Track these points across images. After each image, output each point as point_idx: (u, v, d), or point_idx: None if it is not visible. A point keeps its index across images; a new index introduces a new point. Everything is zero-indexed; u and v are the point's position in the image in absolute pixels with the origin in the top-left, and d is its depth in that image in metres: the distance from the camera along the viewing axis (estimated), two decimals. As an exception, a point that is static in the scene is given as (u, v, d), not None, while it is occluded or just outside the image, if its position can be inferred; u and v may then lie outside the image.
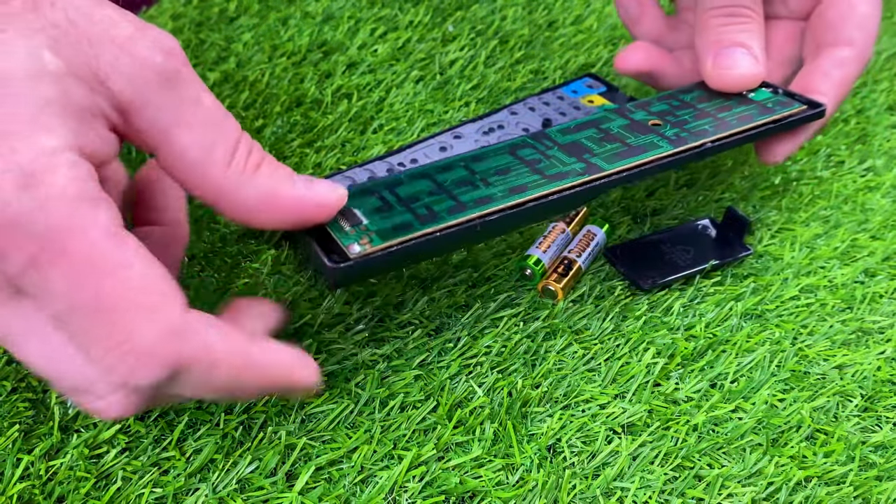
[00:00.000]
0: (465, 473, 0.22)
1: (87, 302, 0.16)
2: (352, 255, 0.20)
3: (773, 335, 0.27)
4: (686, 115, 0.27)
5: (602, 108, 0.30)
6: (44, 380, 0.18)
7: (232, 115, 0.19)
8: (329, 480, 0.21)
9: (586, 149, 0.25)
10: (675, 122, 0.27)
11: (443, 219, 0.21)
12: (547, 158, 0.25)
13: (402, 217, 0.22)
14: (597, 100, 0.32)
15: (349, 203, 0.22)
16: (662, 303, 0.28)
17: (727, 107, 0.27)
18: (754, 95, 0.28)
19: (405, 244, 0.21)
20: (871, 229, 0.32)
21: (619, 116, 0.27)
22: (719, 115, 0.27)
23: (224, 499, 0.20)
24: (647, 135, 0.26)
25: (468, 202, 0.22)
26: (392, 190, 0.23)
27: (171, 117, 0.18)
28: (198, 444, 0.22)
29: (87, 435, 0.21)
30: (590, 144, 0.26)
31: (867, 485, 0.23)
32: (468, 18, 0.41)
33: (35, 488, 0.20)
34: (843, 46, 0.28)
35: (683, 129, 0.26)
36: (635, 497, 0.22)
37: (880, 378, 0.26)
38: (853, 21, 0.28)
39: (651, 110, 0.28)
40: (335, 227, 0.21)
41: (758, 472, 0.23)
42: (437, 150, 0.30)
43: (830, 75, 0.28)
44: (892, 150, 0.36)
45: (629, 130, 0.26)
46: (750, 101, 0.28)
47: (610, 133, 0.26)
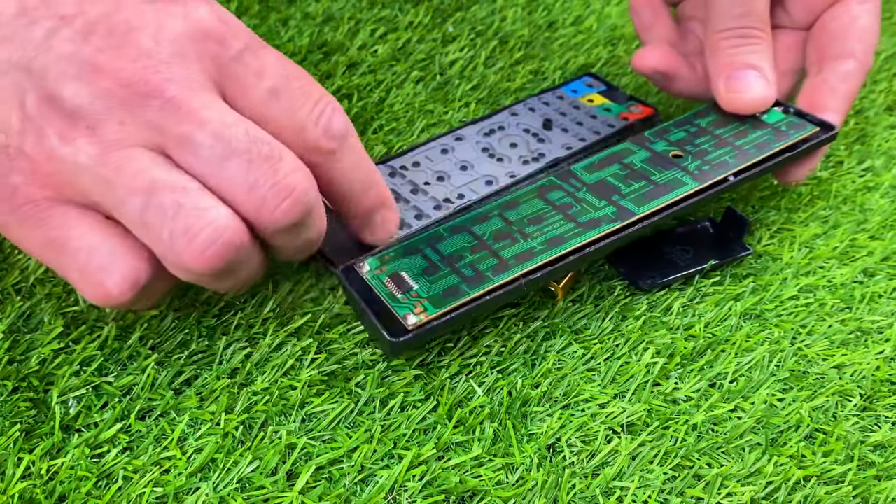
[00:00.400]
0: (465, 473, 0.22)
1: (294, 70, 0.20)
2: (409, 326, 0.22)
3: (773, 335, 0.27)
4: (705, 143, 0.28)
5: (622, 134, 0.30)
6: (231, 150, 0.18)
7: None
8: (329, 480, 0.21)
9: (614, 188, 0.26)
10: (695, 153, 0.27)
11: (489, 280, 0.23)
12: (577, 202, 0.26)
13: (450, 280, 0.23)
14: (597, 99, 0.32)
15: (396, 266, 0.23)
16: (662, 303, 0.28)
17: (743, 132, 0.28)
18: (767, 117, 0.28)
19: (457, 310, 0.22)
20: (870, 229, 0.32)
21: (641, 148, 0.28)
22: (737, 143, 0.27)
23: (225, 498, 0.21)
24: (670, 169, 0.27)
25: (510, 259, 0.24)
26: (434, 247, 0.24)
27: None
28: (198, 443, 0.22)
29: (88, 434, 0.21)
30: (616, 183, 0.26)
31: (866, 484, 0.23)
32: (468, 19, 0.41)
33: (36, 487, 0.20)
34: (846, 59, 0.29)
35: (705, 162, 0.27)
36: (635, 496, 0.22)
37: (879, 378, 0.26)
38: (855, 33, 0.29)
39: (670, 139, 0.28)
40: (388, 294, 0.23)
41: (757, 471, 0.23)
42: (439, 152, 0.30)
43: (837, 90, 0.28)
44: (890, 151, 0.36)
45: (652, 165, 0.27)
46: (764, 125, 0.28)
47: (634, 169, 0.27)
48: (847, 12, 0.29)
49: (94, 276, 0.19)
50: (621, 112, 0.32)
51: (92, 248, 0.19)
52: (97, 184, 0.18)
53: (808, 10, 0.30)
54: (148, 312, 0.25)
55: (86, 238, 0.19)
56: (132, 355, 0.24)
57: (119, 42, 0.19)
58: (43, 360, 0.23)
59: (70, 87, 0.18)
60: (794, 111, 0.29)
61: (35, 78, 0.18)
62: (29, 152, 0.19)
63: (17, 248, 0.27)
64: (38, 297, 0.25)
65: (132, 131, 0.18)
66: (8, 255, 0.26)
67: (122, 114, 0.18)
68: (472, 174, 0.29)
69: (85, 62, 0.18)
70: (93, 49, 0.18)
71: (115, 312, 0.25)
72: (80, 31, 0.19)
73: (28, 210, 0.19)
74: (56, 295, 0.25)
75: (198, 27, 0.19)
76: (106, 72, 0.18)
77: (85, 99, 0.18)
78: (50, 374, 0.23)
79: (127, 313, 0.25)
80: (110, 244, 0.19)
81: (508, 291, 0.23)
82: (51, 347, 0.23)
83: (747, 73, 0.29)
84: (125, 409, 0.22)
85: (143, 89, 0.18)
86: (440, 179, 0.28)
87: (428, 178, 0.28)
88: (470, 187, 0.28)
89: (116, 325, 0.24)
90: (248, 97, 0.20)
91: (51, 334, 0.24)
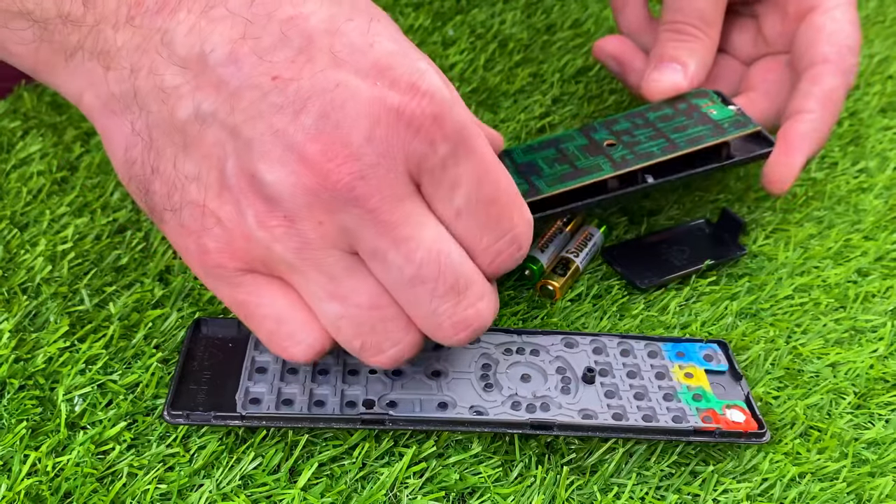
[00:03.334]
0: (464, 470, 0.22)
1: (490, 193, 0.19)
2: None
3: (768, 333, 0.27)
4: (642, 135, 0.28)
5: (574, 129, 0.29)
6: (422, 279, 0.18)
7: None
8: (331, 477, 0.22)
9: (538, 169, 0.26)
10: (627, 143, 0.27)
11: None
12: None
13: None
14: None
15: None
16: (659, 302, 0.28)
17: (683, 126, 0.28)
18: (715, 114, 0.28)
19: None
20: (864, 230, 0.32)
21: (583, 136, 0.28)
22: (672, 136, 0.27)
23: (228, 495, 0.21)
24: (596, 156, 0.27)
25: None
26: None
27: None
28: (202, 440, 0.22)
29: (94, 432, 0.22)
30: (542, 165, 0.27)
31: (860, 481, 0.23)
32: (468, 23, 0.42)
33: (42, 484, 0.20)
34: (815, 64, 0.29)
35: (631, 151, 0.27)
36: (632, 493, 0.22)
37: (873, 376, 0.26)
38: (821, 39, 0.29)
39: (613, 129, 0.28)
40: None
41: (752, 468, 0.23)
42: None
43: (811, 92, 0.29)
44: (884, 152, 0.37)
45: (583, 152, 0.27)
46: (708, 120, 0.28)
47: (565, 154, 0.27)
48: (810, 26, 0.29)
49: (281, 343, 0.20)
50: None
51: (280, 317, 0.20)
52: (291, 273, 0.19)
53: (781, 34, 0.31)
54: (152, 312, 0.25)
55: (274, 307, 0.20)
56: (137, 354, 0.24)
57: (331, 132, 0.17)
58: (49, 358, 0.23)
59: (274, 172, 0.18)
60: (745, 115, 0.28)
61: (239, 145, 0.18)
62: (225, 223, 0.19)
63: (22, 249, 0.27)
64: (45, 296, 0.25)
65: (329, 232, 0.18)
66: (14, 255, 0.27)
67: (321, 214, 0.18)
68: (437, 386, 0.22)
69: (292, 148, 0.17)
70: (303, 134, 0.17)
71: (120, 312, 0.25)
72: (292, 104, 0.17)
73: (219, 273, 0.19)
74: (62, 294, 0.25)
75: (411, 124, 0.18)
76: (312, 168, 0.17)
77: (287, 190, 0.18)
78: (56, 373, 0.23)
79: (131, 313, 0.25)
80: (298, 316, 0.20)
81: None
82: (56, 346, 0.24)
83: (669, 66, 0.30)
84: (130, 407, 0.22)
85: (347, 196, 0.18)
86: (396, 373, 0.23)
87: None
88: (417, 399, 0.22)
89: (121, 325, 0.25)
90: (437, 206, 0.19)
91: (56, 333, 0.24)
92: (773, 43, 0.31)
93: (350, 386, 0.22)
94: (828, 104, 0.28)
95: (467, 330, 0.19)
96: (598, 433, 0.22)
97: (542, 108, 0.37)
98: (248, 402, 0.21)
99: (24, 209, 0.28)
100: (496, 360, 0.23)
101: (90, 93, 0.19)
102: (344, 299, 0.19)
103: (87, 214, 0.28)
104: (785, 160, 0.28)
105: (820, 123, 0.28)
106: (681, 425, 0.22)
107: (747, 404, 0.23)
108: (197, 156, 0.18)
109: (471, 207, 0.19)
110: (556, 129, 0.36)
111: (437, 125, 0.18)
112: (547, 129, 0.36)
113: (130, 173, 0.19)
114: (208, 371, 0.22)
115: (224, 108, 0.18)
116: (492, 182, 0.19)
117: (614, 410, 0.22)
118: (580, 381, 0.23)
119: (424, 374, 0.23)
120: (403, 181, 0.18)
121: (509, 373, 0.23)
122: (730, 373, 0.24)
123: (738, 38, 0.32)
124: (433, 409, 0.22)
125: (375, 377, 0.22)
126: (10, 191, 0.29)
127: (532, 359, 0.23)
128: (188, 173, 0.19)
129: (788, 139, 0.28)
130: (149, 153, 0.19)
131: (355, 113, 0.17)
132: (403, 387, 0.22)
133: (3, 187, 0.29)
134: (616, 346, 0.24)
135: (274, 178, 0.18)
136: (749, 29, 0.32)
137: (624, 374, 0.23)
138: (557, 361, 0.23)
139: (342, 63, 0.18)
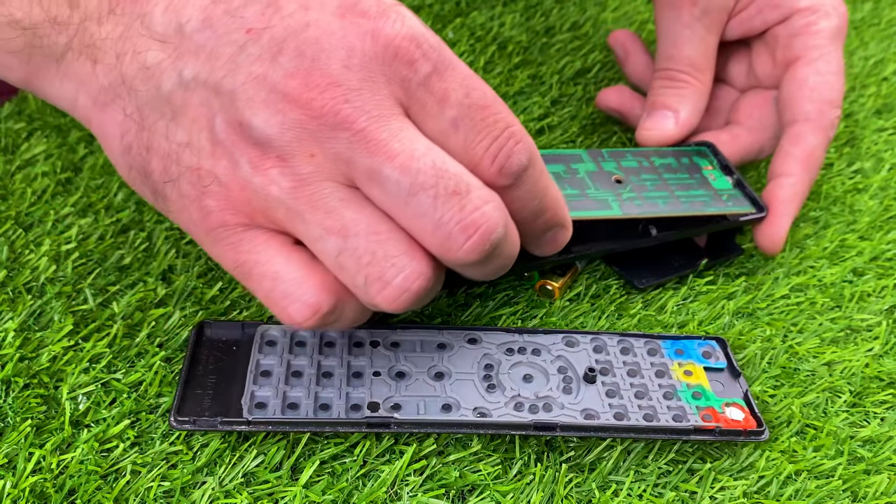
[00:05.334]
0: (464, 468, 0.22)
1: (479, 99, 0.19)
2: None
3: (764, 333, 0.28)
4: (648, 181, 0.28)
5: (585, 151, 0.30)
6: (421, 185, 0.18)
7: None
8: (333, 474, 0.22)
9: None
10: (635, 185, 0.28)
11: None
12: None
13: None
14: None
15: None
16: (656, 301, 0.28)
17: (687, 185, 0.29)
18: (715, 182, 0.29)
19: None
20: (860, 230, 0.33)
21: (592, 161, 0.28)
22: (676, 193, 0.28)
23: (230, 492, 0.21)
24: (605, 189, 0.27)
25: None
26: None
27: None
28: (204, 438, 0.22)
29: (97, 430, 0.22)
30: (555, 180, 0.27)
31: (856, 478, 0.23)
32: (467, 25, 0.42)
33: (47, 482, 0.21)
34: (796, 123, 0.30)
35: (639, 196, 0.27)
36: (630, 490, 0.22)
37: (868, 374, 0.27)
38: (804, 95, 0.30)
39: (621, 164, 0.29)
40: None
41: (749, 465, 0.23)
42: (435, 346, 0.24)
43: (791, 154, 0.29)
44: (879, 153, 0.37)
45: (592, 179, 0.27)
46: (710, 188, 0.29)
47: (576, 176, 0.27)
48: (794, 79, 0.30)
49: (278, 302, 0.19)
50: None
51: (277, 275, 0.19)
52: (290, 217, 0.19)
53: (770, 75, 0.32)
54: (155, 311, 0.25)
55: (271, 264, 0.19)
56: (140, 353, 0.24)
57: (308, 66, 0.18)
58: (53, 357, 0.24)
59: (260, 115, 0.18)
60: (741, 186, 0.29)
61: (224, 100, 0.18)
62: (222, 178, 0.19)
63: (27, 249, 0.27)
64: (49, 295, 0.25)
65: (322, 163, 0.18)
66: (19, 254, 0.27)
67: (312, 146, 0.18)
68: (441, 388, 0.22)
69: (274, 89, 0.18)
70: (282, 74, 0.18)
71: (123, 311, 0.25)
72: (268, 50, 0.18)
73: (220, 233, 0.19)
74: (66, 294, 0.26)
75: (388, 47, 0.18)
76: (296, 101, 0.18)
77: (275, 129, 0.18)
78: (60, 371, 0.23)
79: (134, 312, 0.25)
80: (295, 273, 0.19)
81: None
82: (61, 345, 0.24)
83: (662, 113, 0.31)
84: (133, 406, 0.23)
85: (333, 121, 0.18)
86: (399, 375, 0.22)
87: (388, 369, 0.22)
88: (422, 401, 0.22)
89: (125, 324, 0.25)
90: (428, 124, 0.19)
91: (61, 332, 0.24)
92: (762, 80, 0.32)
93: (354, 389, 0.22)
94: (807, 164, 0.29)
95: (478, 234, 0.18)
96: (600, 433, 0.22)
97: (542, 109, 0.37)
98: (254, 406, 0.21)
99: (29, 209, 0.28)
100: (498, 361, 0.23)
101: (82, 93, 0.19)
102: (343, 231, 0.18)
103: (90, 215, 0.29)
104: (772, 229, 0.29)
105: (800, 185, 0.29)
106: (681, 424, 0.22)
107: (746, 402, 0.23)
108: (186, 122, 0.19)
109: (464, 115, 0.19)
110: (554, 131, 0.36)
111: (414, 45, 0.18)
112: (546, 130, 0.36)
113: (129, 162, 0.20)
114: (213, 375, 0.22)
115: (205, 70, 0.18)
116: (478, 89, 0.19)
117: (616, 410, 0.22)
118: (581, 380, 0.23)
119: (427, 375, 0.23)
120: (388, 103, 0.18)
121: (511, 373, 0.23)
122: (728, 370, 0.24)
123: (733, 68, 0.33)
124: (437, 411, 0.22)
125: (379, 379, 0.22)
126: (15, 191, 0.29)
127: (534, 359, 0.23)
128: (180, 140, 0.19)
129: (773, 206, 0.29)
130: (142, 133, 0.19)
131: (329, 46, 0.18)
132: (407, 388, 0.22)
133: (8, 188, 0.29)
134: (616, 345, 0.25)
135: (261, 121, 0.18)
136: (744, 60, 0.33)
137: (624, 372, 0.24)
138: (559, 361, 0.24)
139: (310, 5, 0.18)
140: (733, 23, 0.31)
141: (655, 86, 0.31)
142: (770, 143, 0.32)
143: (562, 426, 0.22)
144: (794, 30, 0.30)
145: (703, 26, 0.30)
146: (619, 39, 0.36)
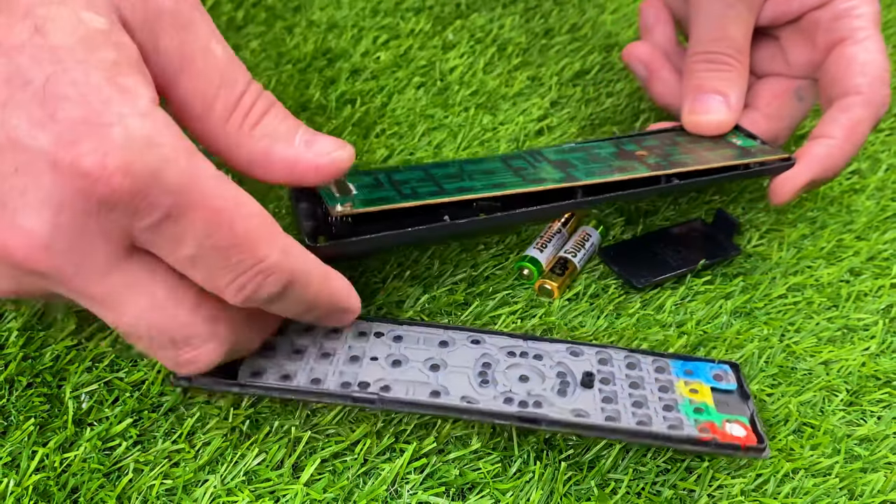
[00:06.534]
0: (464, 466, 0.22)
1: (223, 240, 0.17)
2: (334, 213, 0.22)
3: (762, 332, 0.28)
4: (671, 150, 0.28)
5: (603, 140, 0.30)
6: (136, 340, 0.19)
7: (243, 66, 0.19)
8: (334, 472, 0.22)
9: (572, 165, 0.27)
10: (659, 154, 0.28)
11: (422, 197, 0.23)
12: (533, 168, 0.26)
13: (388, 192, 0.23)
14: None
15: (347, 178, 0.24)
16: (655, 301, 0.29)
17: (712, 147, 0.28)
18: (740, 143, 0.29)
19: (383, 212, 0.22)
20: (856, 230, 0.33)
21: (612, 146, 0.29)
22: (703, 152, 0.28)
23: (232, 490, 0.21)
24: (629, 160, 0.27)
25: (450, 189, 0.24)
26: (388, 175, 0.25)
27: (177, 64, 0.18)
28: (207, 437, 0.22)
29: (100, 428, 0.22)
30: (576, 163, 0.27)
31: (852, 476, 0.23)
32: (467, 27, 0.42)
33: (50, 480, 0.21)
34: (848, 95, 0.29)
35: (665, 160, 0.27)
36: (628, 488, 0.22)
37: (865, 373, 0.27)
38: (855, 70, 0.29)
39: (642, 144, 0.29)
40: (326, 192, 0.23)
41: (746, 463, 0.23)
42: (437, 343, 0.24)
43: (837, 120, 0.29)
44: (876, 154, 0.37)
45: (615, 157, 0.28)
46: (735, 147, 0.29)
47: (598, 158, 0.28)
48: (842, 56, 0.29)
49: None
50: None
51: None
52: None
53: (808, 63, 0.31)
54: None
55: None
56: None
57: (10, 224, 0.16)
58: (56, 356, 0.24)
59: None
60: (762, 141, 0.29)
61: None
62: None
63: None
64: (50, 296, 0.26)
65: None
66: (20, 255, 0.27)
67: (39, 296, 0.18)
68: (433, 378, 0.22)
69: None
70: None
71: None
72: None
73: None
74: (67, 294, 0.26)
75: (104, 199, 0.16)
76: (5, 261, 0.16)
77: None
78: (63, 370, 0.24)
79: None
80: None
81: (433, 227, 0.23)
82: (64, 344, 0.24)
83: (712, 98, 0.29)
84: (136, 404, 0.23)
85: (46, 281, 0.17)
86: (395, 363, 0.23)
87: (384, 355, 0.23)
88: (412, 385, 0.22)
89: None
90: (168, 259, 0.18)
91: (64, 332, 0.24)
92: (797, 69, 0.31)
93: (349, 368, 0.22)
94: (851, 134, 0.28)
95: (186, 370, 0.19)
96: (587, 432, 0.21)
97: (541, 110, 0.37)
98: (250, 374, 0.22)
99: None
100: (497, 360, 0.23)
101: None
102: None
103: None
104: (789, 175, 0.28)
105: (837, 150, 0.28)
106: (675, 432, 0.21)
107: (751, 422, 0.22)
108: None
109: (203, 255, 0.17)
110: (553, 132, 0.36)
111: (138, 198, 0.16)
112: (545, 131, 0.36)
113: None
114: None
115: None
116: (224, 228, 0.17)
117: (608, 414, 0.22)
118: (578, 385, 0.23)
119: (423, 366, 0.23)
120: (105, 256, 0.17)
121: (508, 372, 0.23)
122: (738, 392, 0.23)
123: (754, 53, 0.32)
124: (425, 396, 0.22)
125: (376, 363, 0.22)
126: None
127: (534, 362, 0.23)
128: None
129: (800, 157, 0.28)
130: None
131: (37, 201, 0.16)
132: (401, 374, 0.22)
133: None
134: (623, 359, 0.24)
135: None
136: (766, 46, 0.32)
137: (626, 384, 0.23)
138: (559, 367, 0.23)
139: (17, 144, 0.16)
140: (767, 6, 0.30)
141: (697, 69, 0.30)
142: (784, 134, 0.31)
143: (547, 421, 0.21)
144: (837, 13, 0.29)
145: (745, 7, 0.30)
146: (638, 56, 0.32)
